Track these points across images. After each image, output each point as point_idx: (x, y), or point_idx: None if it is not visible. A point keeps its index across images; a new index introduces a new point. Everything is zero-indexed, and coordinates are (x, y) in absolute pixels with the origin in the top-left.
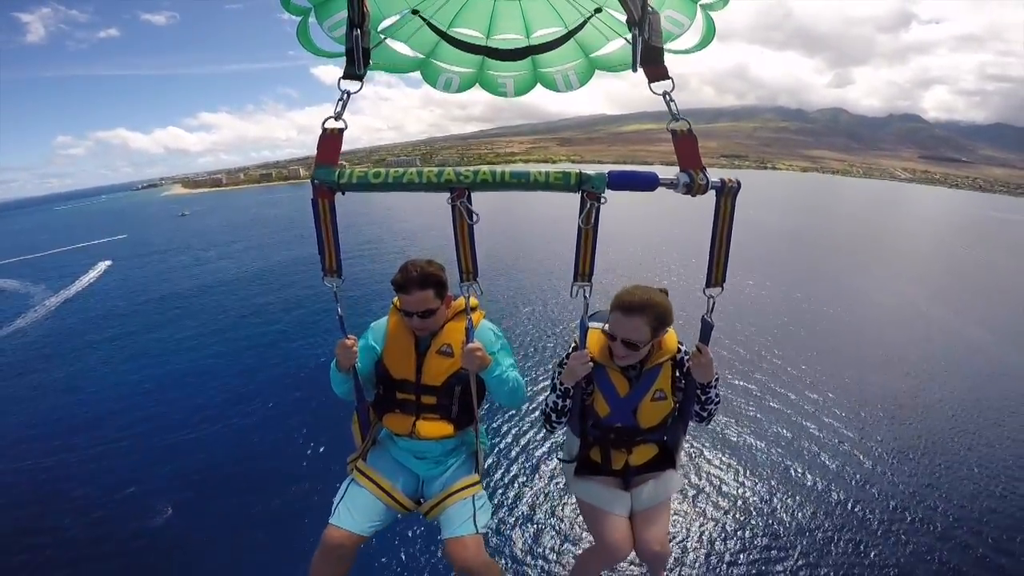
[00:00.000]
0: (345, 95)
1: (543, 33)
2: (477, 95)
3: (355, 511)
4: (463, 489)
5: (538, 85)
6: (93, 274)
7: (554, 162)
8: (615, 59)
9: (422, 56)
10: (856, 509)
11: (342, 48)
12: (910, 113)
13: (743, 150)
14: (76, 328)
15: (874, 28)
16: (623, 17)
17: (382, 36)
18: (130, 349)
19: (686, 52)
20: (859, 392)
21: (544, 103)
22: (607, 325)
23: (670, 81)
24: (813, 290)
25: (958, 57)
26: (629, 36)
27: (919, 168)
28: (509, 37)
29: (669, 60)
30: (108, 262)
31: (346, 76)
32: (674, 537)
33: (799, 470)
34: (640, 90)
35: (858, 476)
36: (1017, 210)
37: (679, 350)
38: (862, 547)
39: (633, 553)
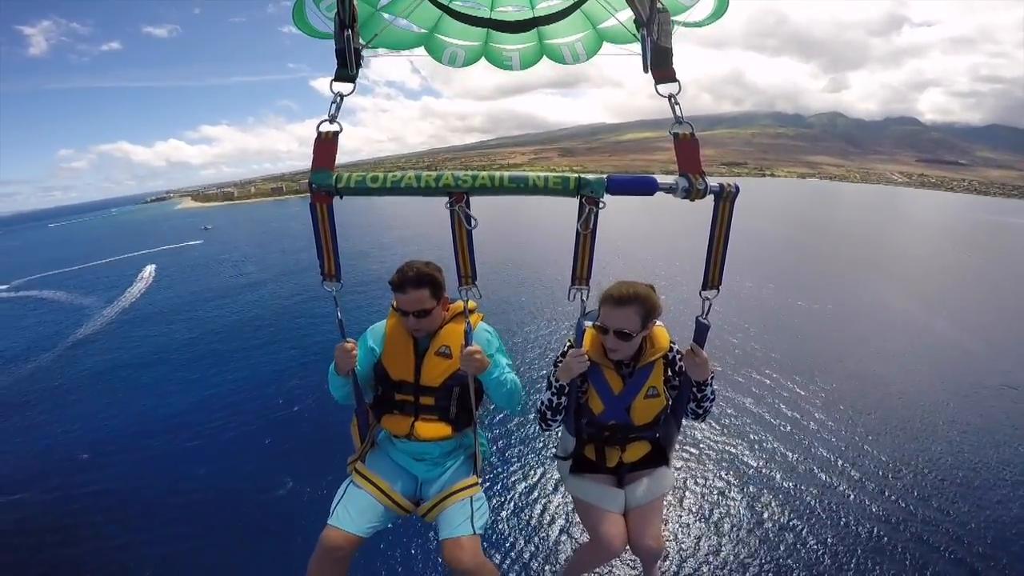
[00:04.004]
0: (338, 97)
1: (548, 4)
2: (476, 106)
3: (354, 512)
4: (461, 490)
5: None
6: (141, 284)
7: (555, 171)
8: (623, 31)
9: (425, 31)
10: (843, 508)
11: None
12: (907, 116)
13: (742, 157)
14: (145, 329)
15: (866, 32)
16: None
17: (384, 16)
18: (184, 333)
19: (698, 24)
20: (851, 394)
21: (543, 112)
22: (599, 320)
23: (677, 84)
24: (807, 297)
25: (951, 59)
26: (635, 26)
27: (916, 172)
28: (513, 9)
29: (676, 52)
30: (152, 266)
31: (338, 78)
32: (668, 533)
33: (790, 471)
34: (638, 99)
35: (846, 476)
36: (1010, 212)
37: (671, 348)
38: (847, 545)
39: (628, 549)
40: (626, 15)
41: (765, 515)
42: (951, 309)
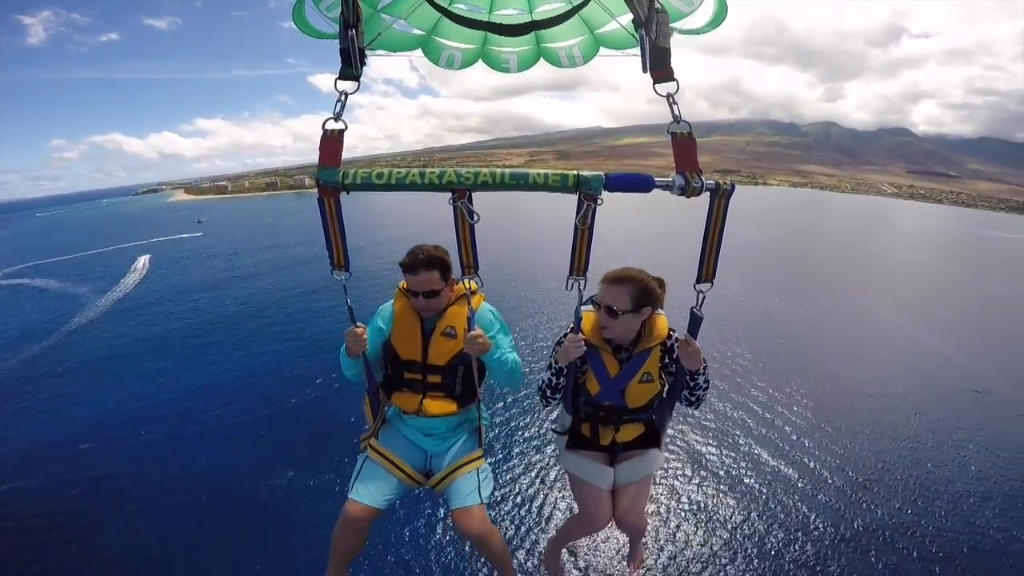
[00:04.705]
0: (343, 96)
1: (546, 8)
2: (473, 106)
3: (371, 486)
4: (468, 463)
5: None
6: (136, 275)
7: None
8: (619, 37)
9: (423, 33)
10: (818, 502)
11: (338, 28)
12: (900, 127)
13: (736, 165)
14: (142, 318)
15: (865, 42)
16: None
17: (384, 17)
18: (183, 323)
19: (696, 32)
20: (831, 396)
21: (540, 114)
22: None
23: (675, 83)
24: (794, 303)
25: (947, 71)
26: (634, 27)
27: (906, 183)
28: (511, 12)
29: (674, 58)
30: (147, 256)
31: (342, 77)
32: (654, 511)
33: (771, 466)
34: (635, 103)
35: (822, 473)
36: (990, 225)
37: (670, 336)
38: (820, 533)
39: (613, 523)
40: (625, 19)
41: (748, 504)
42: (931, 317)
